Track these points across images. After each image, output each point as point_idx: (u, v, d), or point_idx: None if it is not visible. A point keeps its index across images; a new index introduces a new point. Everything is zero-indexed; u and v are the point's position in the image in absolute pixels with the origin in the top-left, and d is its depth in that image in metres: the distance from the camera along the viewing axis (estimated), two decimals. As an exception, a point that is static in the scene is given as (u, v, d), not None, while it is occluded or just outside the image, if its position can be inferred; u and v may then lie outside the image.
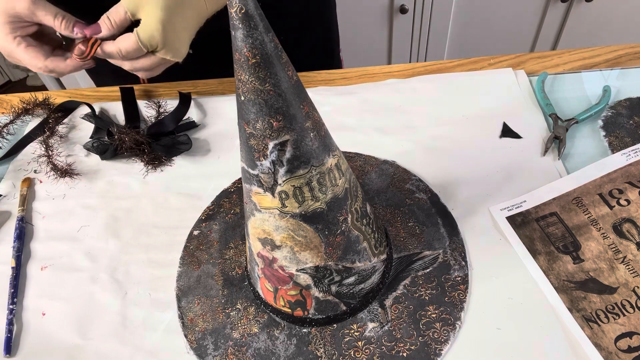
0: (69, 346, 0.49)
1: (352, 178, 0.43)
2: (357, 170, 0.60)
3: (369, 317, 0.47)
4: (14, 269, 0.54)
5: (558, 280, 0.48)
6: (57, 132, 0.68)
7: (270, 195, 0.38)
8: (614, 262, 0.48)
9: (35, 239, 0.58)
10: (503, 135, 0.61)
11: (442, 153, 0.60)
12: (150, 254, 0.55)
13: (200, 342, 0.48)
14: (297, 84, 0.36)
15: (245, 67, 0.33)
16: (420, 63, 0.73)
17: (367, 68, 0.73)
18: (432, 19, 1.52)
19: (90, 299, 0.52)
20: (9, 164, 0.67)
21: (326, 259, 0.42)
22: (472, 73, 0.70)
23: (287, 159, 0.36)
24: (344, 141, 0.60)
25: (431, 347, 0.45)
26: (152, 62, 0.58)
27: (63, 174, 0.63)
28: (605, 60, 0.69)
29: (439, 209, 0.55)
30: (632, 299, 0.45)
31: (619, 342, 0.43)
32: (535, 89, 0.66)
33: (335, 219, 0.40)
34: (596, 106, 0.61)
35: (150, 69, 0.59)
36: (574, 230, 0.51)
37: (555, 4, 1.47)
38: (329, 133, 0.40)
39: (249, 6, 0.31)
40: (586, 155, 0.58)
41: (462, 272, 0.49)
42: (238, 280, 0.52)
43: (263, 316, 0.49)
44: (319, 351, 0.46)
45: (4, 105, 0.74)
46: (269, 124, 0.35)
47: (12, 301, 0.52)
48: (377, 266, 0.47)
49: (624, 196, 0.52)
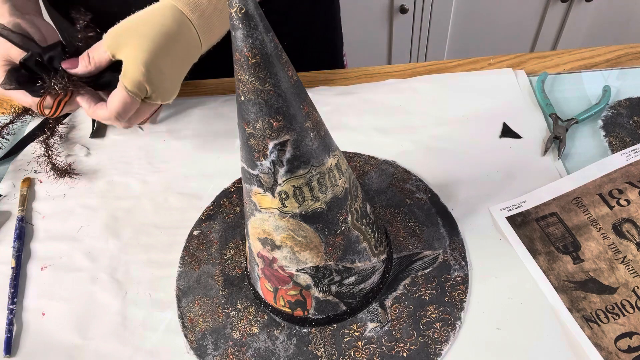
0: (68, 346, 0.49)
1: (352, 178, 0.43)
2: (357, 170, 0.60)
3: (369, 317, 0.47)
4: (14, 269, 0.54)
5: (558, 280, 0.48)
6: (57, 132, 0.68)
7: (270, 195, 0.38)
8: (614, 262, 0.48)
9: (35, 239, 0.58)
10: (503, 135, 0.61)
11: (442, 153, 0.60)
12: (150, 254, 0.55)
13: (200, 342, 0.48)
14: (297, 84, 0.36)
15: (245, 67, 0.33)
16: (420, 63, 0.73)
17: (367, 68, 0.73)
18: (432, 19, 1.52)
19: (90, 299, 0.52)
20: (9, 164, 0.67)
21: (326, 259, 0.42)
22: (472, 73, 0.70)
23: (287, 159, 0.36)
24: (344, 141, 0.60)
25: (431, 347, 0.45)
26: (147, 111, 0.56)
27: (63, 174, 0.63)
28: (605, 60, 0.69)
29: (439, 209, 0.55)
30: (632, 299, 0.45)
31: (619, 342, 0.43)
32: (535, 89, 0.66)
33: (335, 219, 0.40)
34: (596, 106, 0.61)
35: (145, 116, 0.58)
36: (574, 231, 0.51)
37: (555, 4, 1.47)
38: (329, 133, 0.40)
39: (249, 6, 0.31)
40: (586, 155, 0.58)
41: (462, 272, 0.49)
42: (238, 280, 0.52)
43: (263, 316, 0.49)
44: (319, 351, 0.46)
45: (4, 105, 0.74)
46: (269, 124, 0.35)
47: (12, 301, 0.52)
48: (377, 266, 0.47)
49: (624, 196, 0.52)
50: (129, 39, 0.51)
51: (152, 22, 0.52)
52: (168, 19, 0.52)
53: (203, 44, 0.55)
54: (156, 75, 0.52)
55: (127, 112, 0.53)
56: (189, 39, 0.53)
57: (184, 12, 0.52)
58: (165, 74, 0.53)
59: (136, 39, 0.51)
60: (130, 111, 0.53)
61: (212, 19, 0.54)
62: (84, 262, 0.55)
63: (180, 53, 0.53)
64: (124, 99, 0.52)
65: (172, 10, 0.52)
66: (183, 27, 0.52)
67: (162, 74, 0.52)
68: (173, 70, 0.54)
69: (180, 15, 0.52)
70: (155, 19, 0.52)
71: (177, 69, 0.54)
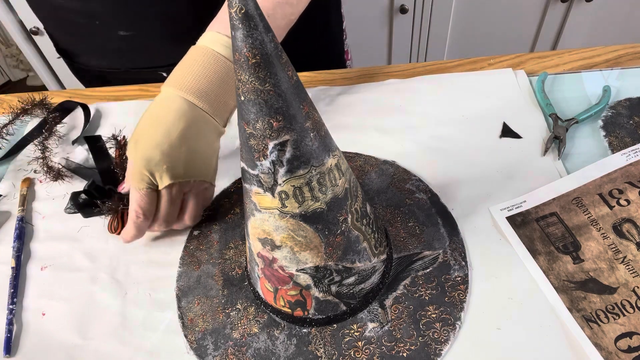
0: (68, 346, 0.49)
1: (352, 178, 0.43)
2: (357, 170, 0.60)
3: (369, 317, 0.47)
4: (14, 269, 0.54)
5: (558, 280, 0.48)
6: (55, 133, 0.68)
7: (270, 195, 0.38)
8: (614, 262, 0.48)
9: (35, 239, 0.58)
10: (503, 135, 0.61)
11: (442, 153, 0.60)
12: (150, 254, 0.55)
13: (200, 342, 0.48)
14: (297, 84, 0.36)
15: (245, 67, 0.33)
16: (420, 63, 0.73)
17: (367, 68, 0.73)
18: (432, 19, 1.52)
19: (90, 299, 0.52)
20: (9, 164, 0.67)
21: (326, 259, 0.42)
22: (472, 73, 0.70)
23: (287, 159, 0.36)
24: (344, 141, 0.60)
25: (431, 347, 0.45)
26: (193, 205, 0.53)
27: (56, 177, 0.63)
28: (605, 60, 0.69)
29: (439, 209, 0.55)
30: (632, 299, 0.45)
31: (619, 342, 0.43)
32: (535, 89, 0.66)
33: (335, 219, 0.40)
34: (596, 106, 0.61)
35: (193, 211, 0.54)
36: (574, 230, 0.51)
37: (555, 4, 1.47)
38: (329, 133, 0.40)
39: (249, 6, 0.31)
40: (586, 155, 0.58)
41: (462, 272, 0.49)
42: (238, 280, 0.52)
43: (263, 316, 0.49)
44: (319, 351, 0.46)
45: (4, 106, 0.74)
46: (269, 124, 0.35)
47: (12, 301, 0.52)
48: (377, 266, 0.47)
49: (624, 196, 0.52)
50: (138, 142, 0.50)
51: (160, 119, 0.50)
52: (173, 115, 0.49)
53: (218, 120, 0.52)
54: (162, 156, 0.49)
55: (142, 206, 0.50)
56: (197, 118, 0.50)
57: (192, 101, 0.50)
58: (174, 149, 0.49)
59: (143, 140, 0.49)
60: (144, 204, 0.50)
61: (222, 97, 0.52)
62: (84, 262, 0.55)
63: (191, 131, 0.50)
64: (131, 193, 0.50)
65: (178, 102, 0.50)
66: (189, 113, 0.50)
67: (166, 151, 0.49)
68: (189, 149, 0.50)
69: (187, 104, 0.50)
70: (164, 117, 0.50)
71: (192, 147, 0.50)
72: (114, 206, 0.56)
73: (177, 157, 0.49)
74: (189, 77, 0.50)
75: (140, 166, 0.49)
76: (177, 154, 0.49)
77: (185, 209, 0.54)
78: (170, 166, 0.49)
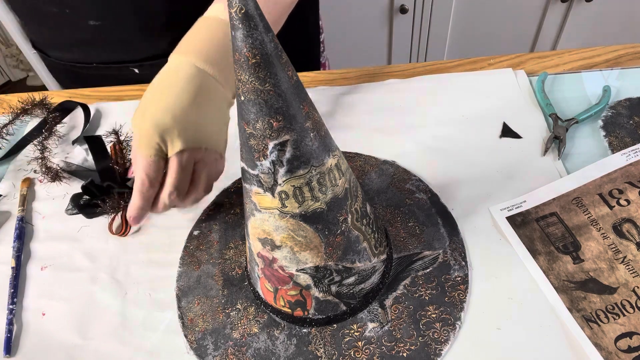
0: (68, 346, 0.49)
1: (352, 178, 0.43)
2: (357, 170, 0.60)
3: (369, 317, 0.47)
4: (14, 269, 0.54)
5: (558, 280, 0.48)
6: (55, 133, 0.68)
7: (270, 195, 0.38)
8: (614, 262, 0.48)
9: (35, 239, 0.58)
10: (503, 135, 0.61)
11: (442, 153, 0.60)
12: (150, 254, 0.55)
13: (200, 342, 0.48)
14: (297, 84, 0.36)
15: (245, 67, 0.33)
16: (420, 63, 0.73)
17: (367, 68, 0.73)
18: (432, 19, 1.52)
19: (90, 299, 0.52)
20: (9, 164, 0.67)
21: (326, 259, 0.42)
22: (472, 73, 0.70)
23: (287, 159, 0.36)
24: (344, 141, 0.60)
25: (431, 347, 0.45)
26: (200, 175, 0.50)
27: (54, 178, 0.63)
28: (605, 60, 0.69)
29: (439, 209, 0.55)
30: (632, 299, 0.45)
31: (619, 342, 0.43)
32: (535, 89, 0.66)
33: (335, 219, 0.40)
34: (596, 106, 0.61)
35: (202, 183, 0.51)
36: (574, 230, 0.51)
37: (555, 4, 1.47)
38: (329, 133, 0.40)
39: (249, 6, 0.31)
40: (586, 155, 0.58)
41: (462, 272, 0.49)
42: (238, 280, 0.52)
43: (263, 316, 0.49)
44: (319, 351, 0.46)
45: (4, 106, 0.74)
46: (269, 124, 0.35)
47: (12, 301, 0.52)
48: (377, 266, 0.47)
49: (624, 196, 0.52)
50: (146, 109, 0.48)
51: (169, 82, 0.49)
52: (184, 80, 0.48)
53: (227, 89, 0.51)
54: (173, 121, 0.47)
55: (149, 174, 0.48)
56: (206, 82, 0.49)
57: (202, 67, 0.49)
58: (186, 114, 0.47)
59: (152, 106, 0.48)
60: (152, 171, 0.48)
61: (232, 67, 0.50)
62: (84, 262, 0.55)
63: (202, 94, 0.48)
64: (137, 162, 0.48)
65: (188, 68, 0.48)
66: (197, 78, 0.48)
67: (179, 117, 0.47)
68: (200, 114, 0.48)
69: (197, 70, 0.48)
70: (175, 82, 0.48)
71: (203, 112, 0.49)
72: (115, 204, 0.55)
73: (190, 121, 0.47)
74: (199, 44, 0.49)
75: (150, 132, 0.46)
76: (190, 118, 0.47)
77: (197, 181, 0.51)
78: (182, 130, 0.47)
